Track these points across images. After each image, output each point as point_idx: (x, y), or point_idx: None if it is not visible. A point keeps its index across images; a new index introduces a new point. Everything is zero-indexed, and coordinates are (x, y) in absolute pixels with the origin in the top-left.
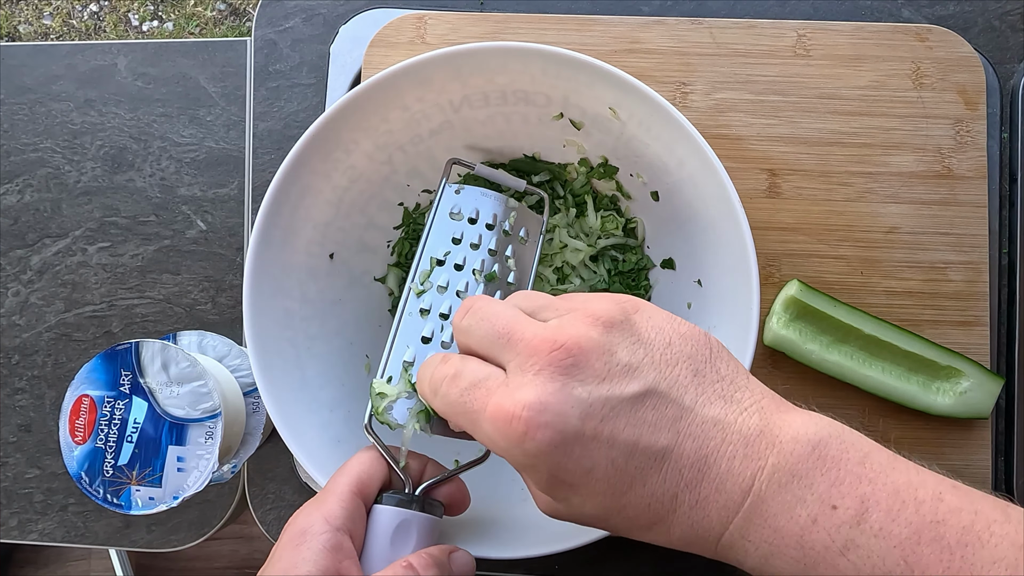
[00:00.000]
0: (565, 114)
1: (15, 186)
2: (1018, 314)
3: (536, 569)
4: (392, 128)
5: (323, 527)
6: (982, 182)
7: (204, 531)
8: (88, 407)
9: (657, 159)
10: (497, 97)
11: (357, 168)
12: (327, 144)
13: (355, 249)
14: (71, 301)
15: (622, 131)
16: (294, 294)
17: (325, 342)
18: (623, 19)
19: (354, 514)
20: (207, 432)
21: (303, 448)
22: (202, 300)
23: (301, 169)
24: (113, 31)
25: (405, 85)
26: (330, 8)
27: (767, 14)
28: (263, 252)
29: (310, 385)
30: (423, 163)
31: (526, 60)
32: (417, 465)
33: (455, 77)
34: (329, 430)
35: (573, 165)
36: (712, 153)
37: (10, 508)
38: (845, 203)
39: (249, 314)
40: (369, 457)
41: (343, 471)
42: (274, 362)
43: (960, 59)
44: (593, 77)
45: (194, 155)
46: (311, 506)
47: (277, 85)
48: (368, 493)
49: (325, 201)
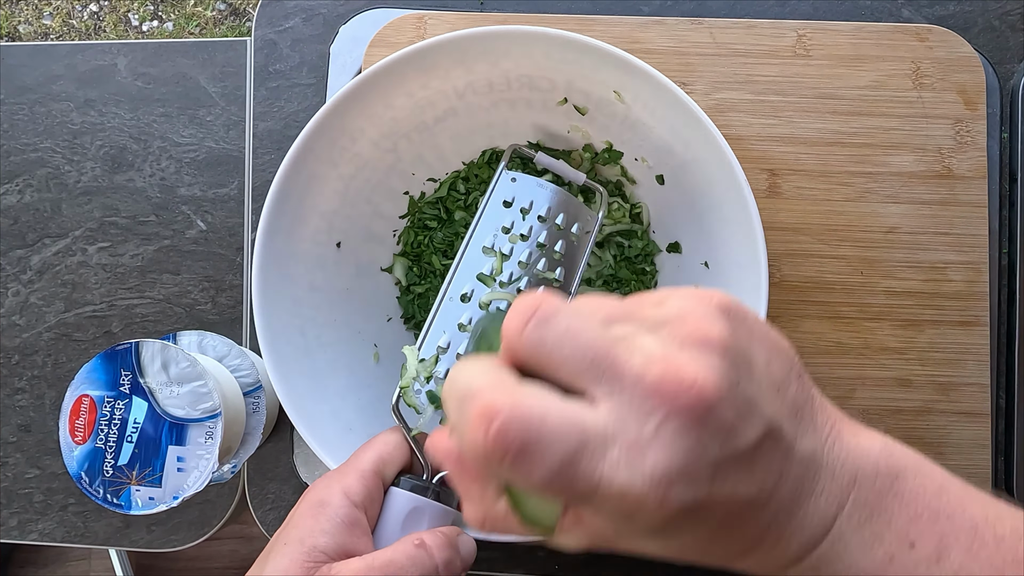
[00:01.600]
0: (569, 99)
1: (15, 186)
2: (1018, 314)
3: (536, 569)
4: (397, 116)
5: (342, 500)
6: (982, 182)
7: (204, 531)
8: (88, 407)
9: (662, 142)
10: (501, 83)
11: (362, 156)
12: (332, 132)
13: (362, 238)
14: (71, 301)
15: (627, 114)
16: (302, 283)
17: (334, 331)
18: (623, 19)
19: (372, 492)
20: (207, 432)
21: (315, 436)
22: (202, 300)
23: (307, 156)
24: (113, 31)
25: (409, 72)
26: (330, 8)
27: (767, 14)
28: (271, 240)
29: (320, 373)
30: (428, 151)
31: (530, 44)
32: None
33: (459, 63)
34: (340, 418)
35: (578, 151)
36: (718, 132)
37: (10, 508)
38: (845, 203)
39: (258, 302)
40: (394, 439)
41: (367, 448)
42: (284, 350)
43: (960, 59)
44: (597, 60)
45: (194, 155)
46: (332, 478)
47: (277, 85)
48: (388, 473)
49: (331, 190)
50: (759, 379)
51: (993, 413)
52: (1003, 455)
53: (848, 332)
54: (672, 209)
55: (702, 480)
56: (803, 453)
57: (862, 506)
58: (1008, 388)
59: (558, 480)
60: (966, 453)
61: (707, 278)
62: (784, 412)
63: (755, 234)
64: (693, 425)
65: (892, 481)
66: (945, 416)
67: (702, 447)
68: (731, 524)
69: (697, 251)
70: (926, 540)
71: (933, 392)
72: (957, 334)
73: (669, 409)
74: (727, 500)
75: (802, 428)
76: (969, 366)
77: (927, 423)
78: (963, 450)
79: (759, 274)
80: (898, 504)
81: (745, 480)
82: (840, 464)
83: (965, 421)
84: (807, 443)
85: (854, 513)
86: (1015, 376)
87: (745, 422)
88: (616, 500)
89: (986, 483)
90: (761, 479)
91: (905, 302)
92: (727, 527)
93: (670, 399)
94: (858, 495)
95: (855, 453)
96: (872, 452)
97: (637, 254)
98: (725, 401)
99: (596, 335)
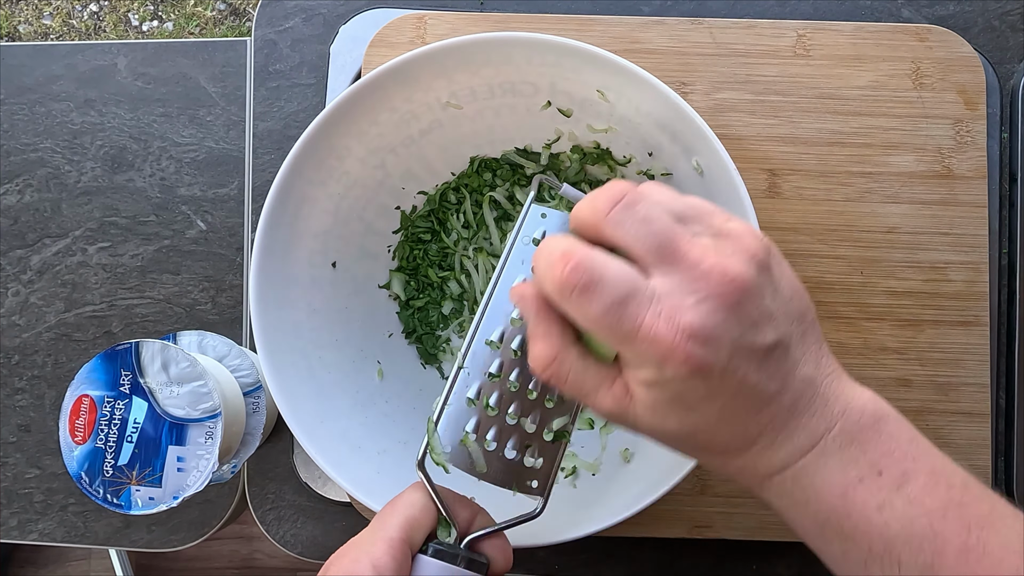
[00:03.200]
0: (553, 102)
1: (15, 186)
2: (1018, 314)
3: (536, 569)
4: (383, 131)
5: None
6: (982, 182)
7: (204, 531)
8: (88, 407)
9: (650, 136)
10: (484, 91)
11: (351, 174)
12: (319, 152)
13: (356, 256)
14: (71, 301)
15: (611, 113)
16: (300, 305)
17: (336, 351)
18: (623, 19)
19: (402, 564)
20: (207, 432)
21: (325, 456)
22: (202, 300)
23: (296, 179)
24: (113, 31)
25: (391, 86)
26: (330, 8)
27: (767, 14)
28: (266, 265)
29: (326, 394)
30: (416, 164)
31: (509, 50)
32: (467, 514)
33: (440, 74)
34: (348, 437)
35: (566, 153)
36: (704, 123)
37: (10, 508)
38: (845, 203)
39: (259, 328)
40: (419, 499)
41: (393, 511)
42: (288, 374)
43: (960, 59)
44: (578, 61)
45: (194, 155)
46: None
47: (277, 85)
48: (416, 540)
49: (322, 210)
50: (781, 303)
51: (993, 413)
52: (1003, 455)
53: (848, 332)
54: None
55: (723, 350)
56: (804, 375)
57: (846, 434)
58: (1008, 388)
59: (609, 315)
60: (966, 453)
61: None
62: (794, 336)
63: (747, 214)
64: (726, 307)
65: (875, 421)
66: (945, 416)
67: (727, 325)
68: (737, 408)
69: None
70: (892, 471)
71: (933, 392)
72: (957, 334)
73: (711, 291)
74: (739, 380)
75: (807, 357)
76: (969, 366)
77: (927, 423)
78: (963, 450)
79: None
80: (875, 439)
81: (755, 371)
82: (835, 396)
83: (965, 421)
84: (809, 370)
85: (838, 437)
86: (1015, 376)
87: (765, 326)
88: (650, 344)
89: (986, 483)
90: (768, 377)
91: (905, 302)
92: (733, 410)
93: (715, 283)
94: (844, 424)
95: (848, 393)
96: (863, 397)
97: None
98: (753, 301)
99: (667, 225)
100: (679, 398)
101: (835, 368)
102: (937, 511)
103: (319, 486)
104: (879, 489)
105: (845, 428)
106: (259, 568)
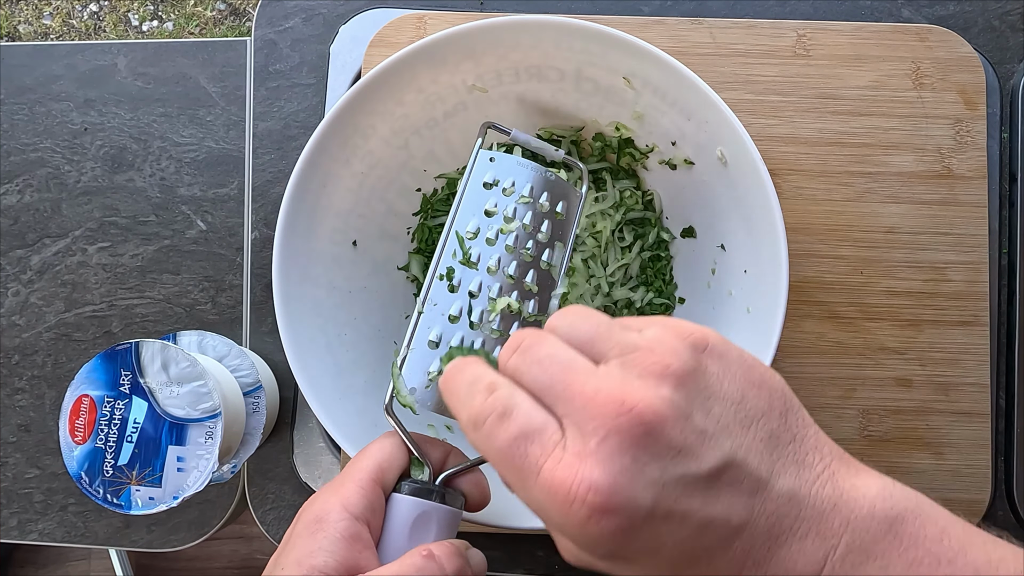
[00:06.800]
0: (579, 88)
1: (15, 186)
2: (1018, 314)
3: (536, 569)
4: (408, 112)
5: (341, 515)
6: (982, 182)
7: (204, 531)
8: (88, 407)
9: (674, 126)
10: (510, 75)
11: (375, 154)
12: (345, 129)
13: (376, 236)
14: (71, 301)
15: (637, 101)
16: (321, 282)
17: (354, 329)
18: (623, 19)
19: (373, 503)
20: (207, 432)
21: (342, 433)
22: (202, 300)
23: (321, 156)
24: (113, 31)
25: (419, 66)
26: (330, 8)
27: (767, 14)
28: (290, 240)
29: (343, 372)
30: (439, 147)
31: (539, 33)
32: (439, 453)
33: (468, 56)
34: (366, 415)
35: (588, 141)
36: (730, 112)
37: (10, 508)
38: (845, 203)
39: (280, 301)
40: (390, 443)
41: (363, 456)
42: (307, 349)
43: (960, 59)
44: (606, 47)
45: (194, 155)
46: (328, 491)
47: (277, 85)
48: (388, 480)
49: (345, 188)
50: (722, 412)
51: (993, 413)
52: (1003, 455)
53: (848, 332)
54: (685, 193)
55: (642, 500)
56: (781, 490)
57: (856, 550)
58: (1008, 388)
59: (511, 449)
60: (966, 453)
61: (723, 258)
62: (753, 447)
63: (771, 206)
64: (631, 443)
65: (890, 524)
66: (945, 416)
67: (638, 465)
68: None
69: (712, 234)
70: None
71: (933, 392)
72: (957, 334)
73: (609, 427)
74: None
75: (781, 465)
76: (969, 366)
77: (927, 423)
78: (963, 450)
79: (777, 245)
80: (896, 549)
81: (702, 504)
82: (831, 505)
83: (965, 421)
84: (787, 481)
85: (847, 556)
86: (1015, 376)
87: (700, 448)
88: (547, 494)
89: (986, 483)
90: (726, 506)
91: (905, 302)
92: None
93: (611, 419)
94: (852, 538)
95: (849, 495)
96: (869, 494)
97: (653, 243)
98: (669, 426)
99: (562, 364)
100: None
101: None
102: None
103: (319, 486)
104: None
105: (853, 545)
106: (259, 568)
